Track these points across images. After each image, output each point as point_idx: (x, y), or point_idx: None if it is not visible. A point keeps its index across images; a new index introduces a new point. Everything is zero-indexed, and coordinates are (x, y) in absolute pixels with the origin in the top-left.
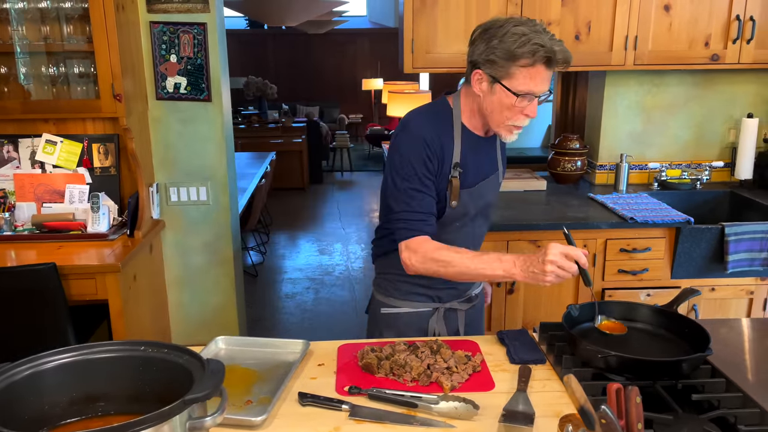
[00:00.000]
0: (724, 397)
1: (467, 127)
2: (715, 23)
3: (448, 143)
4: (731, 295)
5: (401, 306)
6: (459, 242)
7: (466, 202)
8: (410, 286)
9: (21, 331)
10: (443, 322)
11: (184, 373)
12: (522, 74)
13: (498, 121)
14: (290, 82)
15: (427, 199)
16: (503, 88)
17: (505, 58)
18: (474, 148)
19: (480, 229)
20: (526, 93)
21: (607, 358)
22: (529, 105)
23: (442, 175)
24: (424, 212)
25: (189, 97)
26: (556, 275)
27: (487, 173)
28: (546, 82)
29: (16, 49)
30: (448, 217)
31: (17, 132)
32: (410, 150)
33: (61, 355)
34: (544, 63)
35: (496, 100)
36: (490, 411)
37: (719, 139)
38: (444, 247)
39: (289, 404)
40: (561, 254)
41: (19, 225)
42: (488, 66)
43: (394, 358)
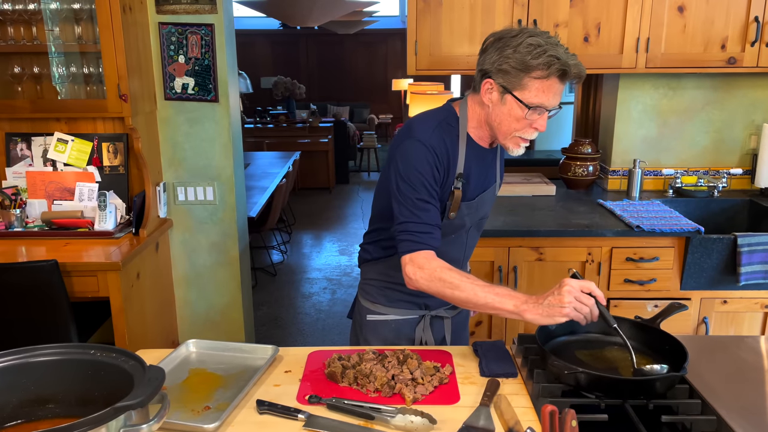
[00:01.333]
0: (696, 419)
1: (472, 137)
2: (732, 25)
3: (453, 153)
4: (744, 309)
5: (388, 313)
6: (451, 253)
7: (464, 214)
8: (398, 294)
9: (24, 327)
10: (430, 330)
11: (128, 378)
12: (535, 86)
13: (506, 133)
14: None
15: (434, 211)
16: (514, 99)
17: (519, 68)
18: (478, 160)
19: (472, 240)
20: (538, 106)
21: (576, 374)
22: (539, 118)
23: (446, 185)
24: (430, 224)
25: (196, 97)
26: (574, 308)
27: (486, 185)
28: (558, 96)
29: (51, 49)
30: (446, 229)
31: (30, 130)
32: (418, 158)
33: (8, 357)
34: (558, 76)
35: (506, 112)
36: (450, 425)
37: (739, 145)
38: (453, 268)
39: (247, 411)
40: (578, 287)
41: (30, 221)
42: (500, 76)
43: (360, 367)
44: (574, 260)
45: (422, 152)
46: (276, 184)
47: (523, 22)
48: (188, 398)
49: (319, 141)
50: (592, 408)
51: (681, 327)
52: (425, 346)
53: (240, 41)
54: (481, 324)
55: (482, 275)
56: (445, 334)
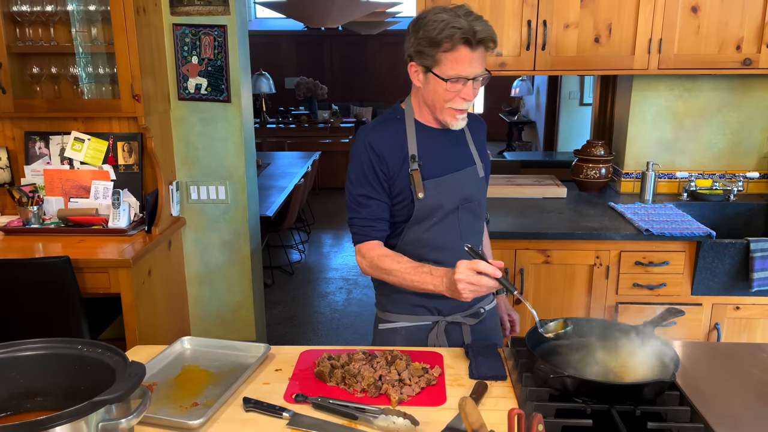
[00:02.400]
0: (683, 427)
1: (421, 122)
2: (747, 26)
3: (401, 141)
4: (758, 315)
5: (398, 320)
6: (443, 239)
7: (435, 194)
8: (406, 297)
9: (37, 321)
10: (444, 336)
11: (111, 373)
12: (447, 59)
13: (439, 109)
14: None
15: (377, 205)
16: (434, 76)
17: (429, 45)
18: (433, 141)
19: (469, 226)
20: (456, 77)
21: (563, 378)
22: (464, 88)
23: (401, 172)
24: (372, 218)
25: (209, 97)
26: (471, 291)
27: (460, 166)
28: (475, 63)
29: (78, 50)
30: (421, 212)
31: (48, 129)
32: (358, 156)
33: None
34: (466, 44)
35: (432, 89)
36: (433, 427)
37: (756, 149)
38: (389, 254)
39: (234, 409)
40: (469, 270)
41: (47, 218)
42: (418, 57)
43: (348, 367)
44: (581, 263)
45: (360, 150)
46: (294, 184)
47: (533, 23)
48: (178, 394)
49: (340, 141)
50: (577, 413)
51: (692, 333)
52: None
53: (265, 42)
54: None
55: None
56: (465, 342)
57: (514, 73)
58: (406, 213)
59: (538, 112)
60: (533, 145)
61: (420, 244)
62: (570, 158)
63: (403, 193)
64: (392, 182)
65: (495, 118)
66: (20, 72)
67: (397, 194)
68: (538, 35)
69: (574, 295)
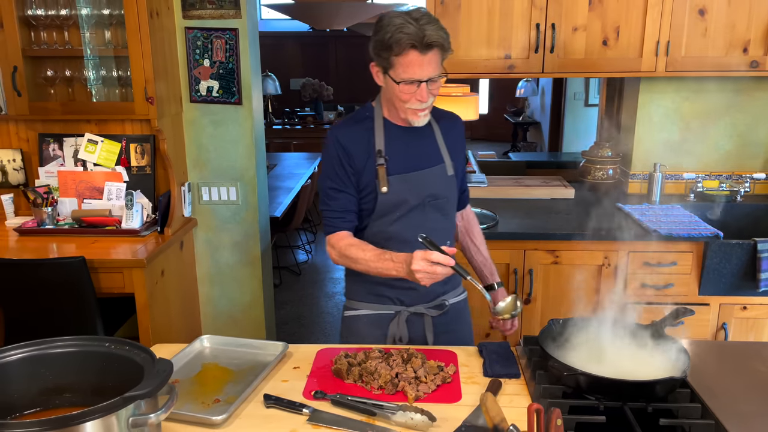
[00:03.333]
0: (694, 423)
1: (389, 119)
2: (754, 28)
3: (368, 137)
4: (765, 315)
5: (361, 308)
6: (408, 233)
7: (400, 189)
8: (369, 286)
9: (52, 320)
10: (405, 326)
11: (139, 370)
12: (398, 63)
13: (400, 107)
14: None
15: (345, 197)
16: (390, 78)
17: (383, 49)
18: (399, 138)
19: (436, 222)
20: (408, 80)
21: (576, 376)
22: (417, 90)
23: (368, 167)
24: (341, 210)
25: (221, 100)
26: (428, 279)
27: (427, 164)
28: (426, 66)
29: (86, 53)
30: (384, 206)
31: (62, 131)
32: (328, 152)
33: (28, 347)
34: (414, 49)
35: (390, 89)
36: (450, 423)
37: (763, 150)
38: (355, 244)
39: (255, 405)
40: (424, 261)
41: (60, 219)
42: (377, 59)
43: (365, 365)
44: (590, 264)
45: (330, 145)
46: (301, 185)
47: (541, 26)
48: (200, 391)
49: None
50: (591, 410)
51: (699, 333)
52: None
53: (270, 43)
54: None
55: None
56: (426, 333)
57: (522, 76)
58: (371, 206)
59: (543, 113)
60: (538, 146)
61: (385, 236)
62: (575, 159)
63: (369, 187)
64: (359, 176)
65: (500, 118)
66: (35, 75)
67: (364, 188)
68: (547, 38)
69: (584, 293)
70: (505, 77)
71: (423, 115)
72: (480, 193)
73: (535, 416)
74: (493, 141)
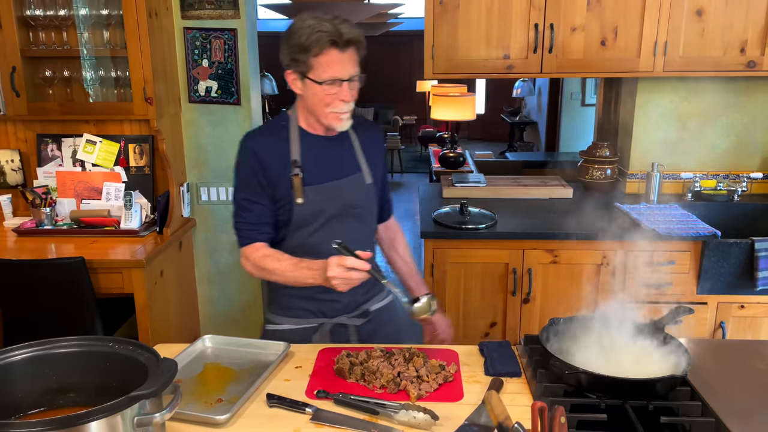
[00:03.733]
0: (695, 421)
1: (305, 129)
2: (751, 29)
3: (283, 147)
4: (762, 314)
5: (282, 323)
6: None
7: (316, 200)
8: (290, 300)
9: (52, 321)
10: (329, 338)
11: (143, 370)
12: (319, 63)
13: (321, 113)
14: None
15: (260, 209)
16: (311, 81)
17: (301, 52)
18: (316, 148)
19: (355, 232)
20: (330, 79)
21: (577, 374)
22: (339, 90)
23: (283, 177)
24: (256, 223)
25: (219, 100)
26: (344, 284)
27: (344, 173)
28: (347, 64)
29: (83, 53)
30: (301, 217)
31: (60, 132)
32: (241, 162)
33: (32, 347)
34: (334, 47)
35: (311, 94)
36: (452, 422)
37: (760, 149)
38: (270, 254)
39: (258, 405)
40: (339, 267)
41: (59, 220)
42: (293, 65)
43: (367, 364)
44: (589, 263)
45: (243, 156)
46: None
47: (540, 26)
48: (202, 391)
49: None
50: (592, 408)
51: (697, 332)
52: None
53: (266, 43)
54: (496, 325)
55: (496, 277)
56: (351, 341)
57: (521, 76)
58: (288, 218)
59: (540, 113)
60: (535, 146)
61: (304, 249)
62: (572, 159)
63: (284, 198)
64: (274, 188)
65: (496, 118)
66: (33, 75)
67: (279, 199)
68: (545, 38)
69: (581, 292)
70: (503, 77)
71: (345, 118)
72: (478, 193)
73: (539, 414)
74: (489, 141)
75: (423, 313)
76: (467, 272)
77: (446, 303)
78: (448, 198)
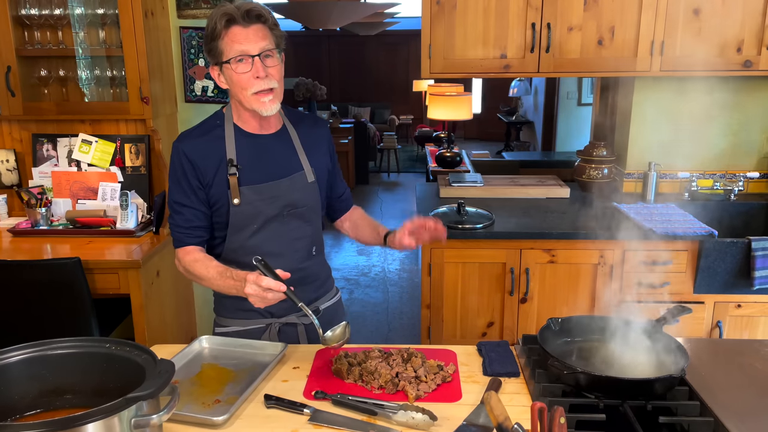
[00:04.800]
0: (693, 421)
1: (240, 126)
2: (748, 28)
3: (218, 147)
4: (759, 313)
5: (230, 324)
6: (269, 245)
7: (254, 200)
8: (236, 301)
9: (48, 322)
10: (277, 338)
11: (140, 371)
12: (225, 45)
13: (243, 98)
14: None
15: (191, 212)
16: (226, 66)
17: (210, 41)
18: (254, 147)
19: (297, 231)
20: (239, 55)
21: (576, 374)
22: (252, 68)
23: (216, 180)
24: (186, 226)
25: (216, 99)
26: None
27: (284, 173)
28: (252, 39)
29: (78, 53)
30: (238, 219)
31: (56, 132)
32: (173, 164)
33: (28, 349)
34: (235, 24)
35: (230, 80)
36: (450, 422)
37: (756, 149)
38: (200, 259)
39: (255, 406)
40: (255, 285)
41: (55, 220)
42: (211, 58)
43: (365, 364)
44: (586, 262)
45: (175, 158)
46: None
47: (537, 26)
48: (200, 392)
49: (339, 142)
50: (591, 408)
51: (694, 331)
52: None
53: None
54: (494, 325)
55: (494, 277)
56: (300, 341)
57: (518, 75)
58: (225, 219)
59: (536, 113)
60: (531, 145)
61: (244, 251)
62: (569, 158)
63: (221, 199)
64: (208, 189)
65: (493, 118)
66: (28, 75)
67: (216, 201)
68: (542, 38)
69: (579, 294)
70: (500, 77)
71: (269, 101)
72: (475, 193)
73: (539, 415)
74: (486, 140)
75: (334, 342)
76: (464, 272)
77: (443, 303)
78: (445, 198)
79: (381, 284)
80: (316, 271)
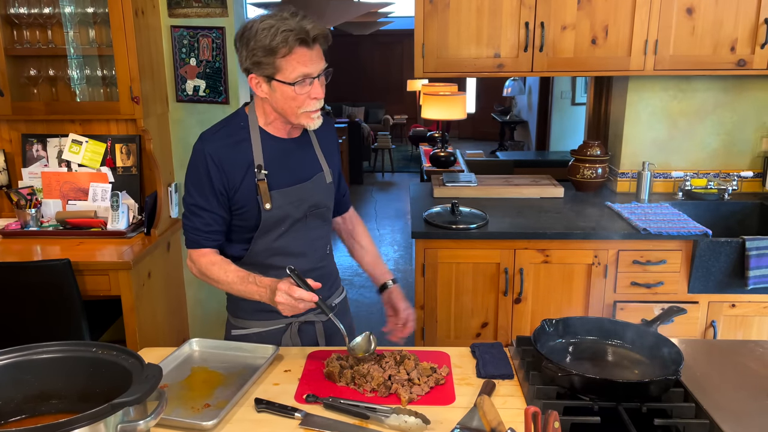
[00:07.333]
0: (688, 423)
1: (267, 131)
2: (741, 27)
3: (245, 151)
4: (753, 312)
5: (250, 326)
6: (293, 246)
7: (283, 204)
8: (254, 303)
9: (37, 324)
10: (298, 337)
11: (127, 375)
12: (287, 63)
13: (293, 114)
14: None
15: (210, 217)
16: (279, 83)
17: (266, 55)
18: (279, 151)
19: (316, 231)
20: (301, 78)
21: (570, 377)
22: (311, 88)
23: (243, 184)
24: (205, 230)
25: (207, 99)
26: (290, 311)
27: (308, 175)
28: (316, 61)
29: (69, 52)
30: (268, 222)
31: (46, 132)
32: (195, 166)
33: (12, 353)
34: (302, 45)
35: (280, 96)
36: (443, 426)
37: (750, 148)
38: (218, 263)
39: (246, 410)
40: (287, 295)
41: (45, 221)
42: (257, 68)
43: (357, 367)
44: (580, 262)
45: (198, 158)
46: None
47: (530, 25)
48: (189, 396)
49: None
50: (585, 410)
51: (688, 331)
52: None
53: None
54: (488, 326)
55: (487, 277)
56: (318, 338)
57: (512, 75)
58: (253, 223)
59: (530, 112)
60: (525, 145)
61: (270, 253)
62: (563, 158)
63: (248, 204)
64: (234, 193)
65: (487, 117)
66: (17, 74)
67: (242, 205)
68: (536, 37)
69: (573, 294)
70: (494, 76)
71: (317, 116)
72: (470, 193)
73: (533, 419)
74: (480, 140)
75: (360, 352)
76: (458, 272)
77: (437, 303)
78: (439, 197)
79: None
80: (330, 269)
